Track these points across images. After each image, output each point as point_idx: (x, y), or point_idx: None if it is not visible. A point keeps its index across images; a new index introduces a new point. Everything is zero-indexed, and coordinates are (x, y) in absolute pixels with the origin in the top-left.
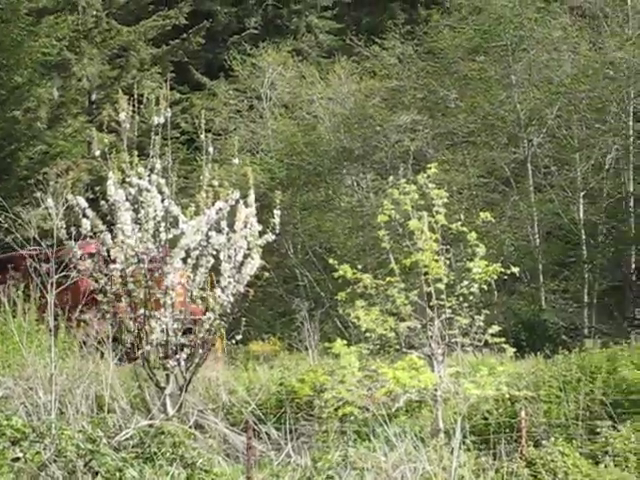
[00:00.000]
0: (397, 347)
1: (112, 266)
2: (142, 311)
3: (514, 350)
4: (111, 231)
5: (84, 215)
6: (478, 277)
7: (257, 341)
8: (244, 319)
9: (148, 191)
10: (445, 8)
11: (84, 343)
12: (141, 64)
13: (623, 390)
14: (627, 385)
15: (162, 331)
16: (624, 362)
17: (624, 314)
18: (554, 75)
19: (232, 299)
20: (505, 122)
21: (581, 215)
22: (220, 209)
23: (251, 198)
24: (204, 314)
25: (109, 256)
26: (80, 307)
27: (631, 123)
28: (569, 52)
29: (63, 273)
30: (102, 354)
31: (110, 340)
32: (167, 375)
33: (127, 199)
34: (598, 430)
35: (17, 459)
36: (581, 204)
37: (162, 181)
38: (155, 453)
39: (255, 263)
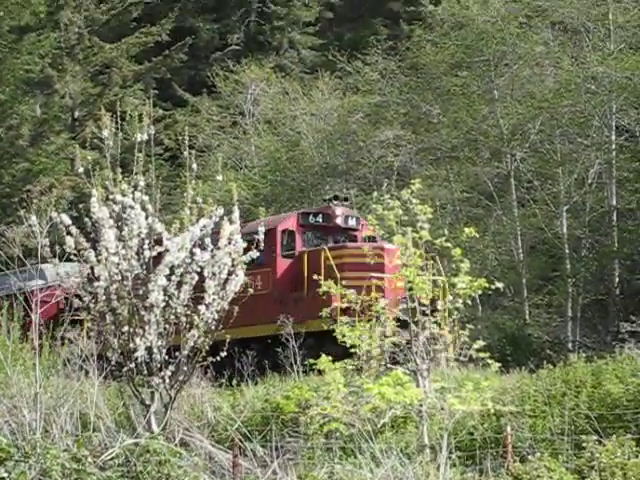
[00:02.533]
0: (382, 363)
1: (96, 284)
2: (126, 328)
3: (499, 365)
4: (95, 249)
5: (68, 233)
6: (463, 292)
7: None
8: (228, 336)
9: (132, 208)
10: (427, 24)
11: (68, 361)
12: (124, 81)
13: (608, 404)
14: (612, 399)
15: (146, 348)
16: (609, 376)
17: (608, 328)
18: (536, 90)
19: (216, 316)
20: (488, 137)
21: (564, 229)
22: (204, 226)
23: (235, 214)
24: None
25: (93, 274)
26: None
27: (613, 137)
28: (551, 67)
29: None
30: (87, 372)
31: (95, 358)
32: (152, 393)
33: (111, 216)
34: (584, 445)
35: (2, 479)
36: (564, 218)
37: (146, 198)
38: (141, 472)
39: (239, 280)
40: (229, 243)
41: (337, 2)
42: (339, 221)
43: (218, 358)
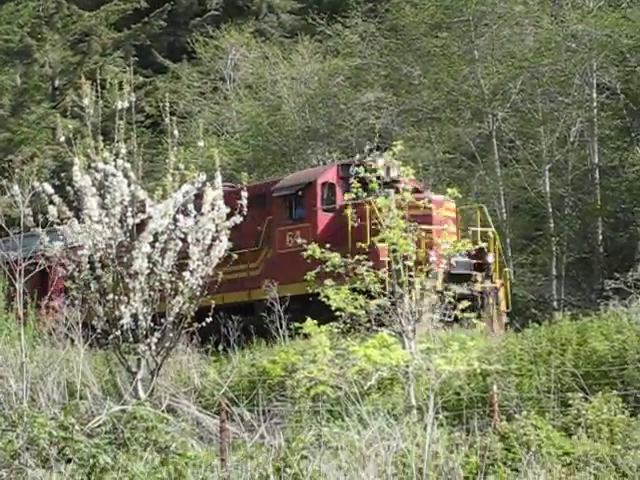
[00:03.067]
0: (368, 325)
1: (80, 252)
2: (111, 296)
3: (484, 324)
4: (78, 217)
5: (51, 202)
6: (447, 253)
7: None
8: (213, 301)
9: (114, 176)
10: None
11: (54, 330)
12: (103, 49)
13: (594, 362)
14: (597, 356)
15: (132, 316)
16: (594, 334)
17: (592, 285)
18: (517, 49)
19: (201, 282)
20: (469, 97)
21: (547, 188)
22: (187, 192)
23: (218, 180)
24: None
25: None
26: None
27: (594, 95)
28: (531, 26)
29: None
30: (72, 341)
31: (80, 326)
32: (138, 360)
33: (93, 184)
34: (570, 402)
35: None
36: (547, 177)
37: (128, 165)
38: (128, 438)
39: (223, 245)
40: (212, 209)
41: None
42: (381, 172)
43: (204, 324)
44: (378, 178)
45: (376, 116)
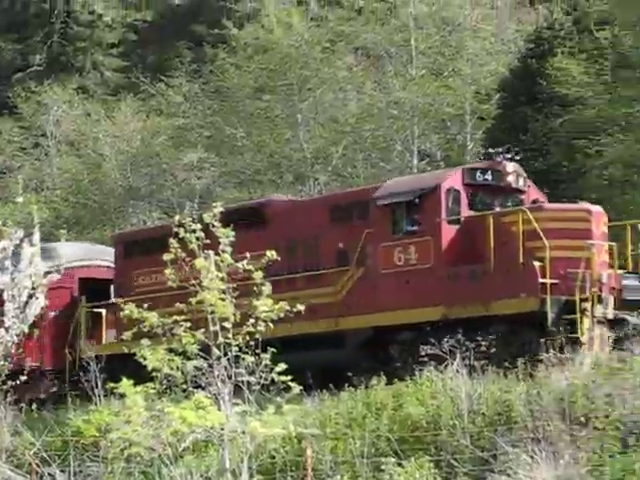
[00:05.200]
0: (184, 387)
1: None
2: None
3: (300, 388)
4: None
5: None
6: (264, 315)
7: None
8: (29, 359)
9: None
10: (232, 47)
11: None
12: None
13: (408, 426)
14: (412, 421)
15: None
16: (409, 398)
17: None
18: (339, 114)
19: (16, 339)
20: (291, 160)
21: None
22: (4, 248)
23: (36, 237)
24: None
25: None
26: None
27: (415, 162)
28: (354, 91)
29: None
30: None
31: None
32: None
33: None
34: (383, 467)
35: None
36: None
37: None
38: None
39: (40, 302)
40: (29, 265)
41: (141, 24)
42: (511, 179)
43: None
44: (198, 239)
45: (198, 176)
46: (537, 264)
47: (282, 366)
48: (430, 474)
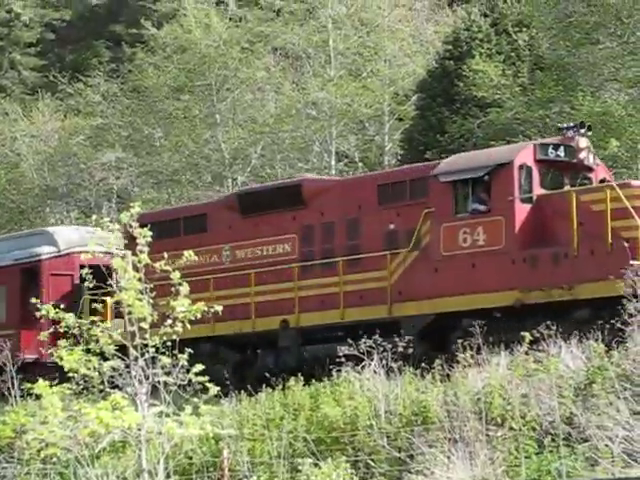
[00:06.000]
0: (101, 387)
1: None
2: None
3: (218, 389)
4: None
5: None
6: (182, 316)
7: None
8: None
9: None
10: (150, 47)
11: None
12: None
13: (325, 427)
14: (329, 422)
15: None
16: (327, 399)
17: None
18: (258, 114)
19: None
20: (210, 161)
21: None
22: None
23: None
24: None
25: None
26: None
27: (333, 162)
28: (273, 92)
29: None
30: None
31: None
32: None
33: None
34: (300, 468)
35: None
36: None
37: None
38: None
39: None
40: None
41: (59, 24)
42: (583, 155)
43: None
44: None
45: (116, 176)
46: (626, 244)
47: (199, 367)
48: (347, 474)
